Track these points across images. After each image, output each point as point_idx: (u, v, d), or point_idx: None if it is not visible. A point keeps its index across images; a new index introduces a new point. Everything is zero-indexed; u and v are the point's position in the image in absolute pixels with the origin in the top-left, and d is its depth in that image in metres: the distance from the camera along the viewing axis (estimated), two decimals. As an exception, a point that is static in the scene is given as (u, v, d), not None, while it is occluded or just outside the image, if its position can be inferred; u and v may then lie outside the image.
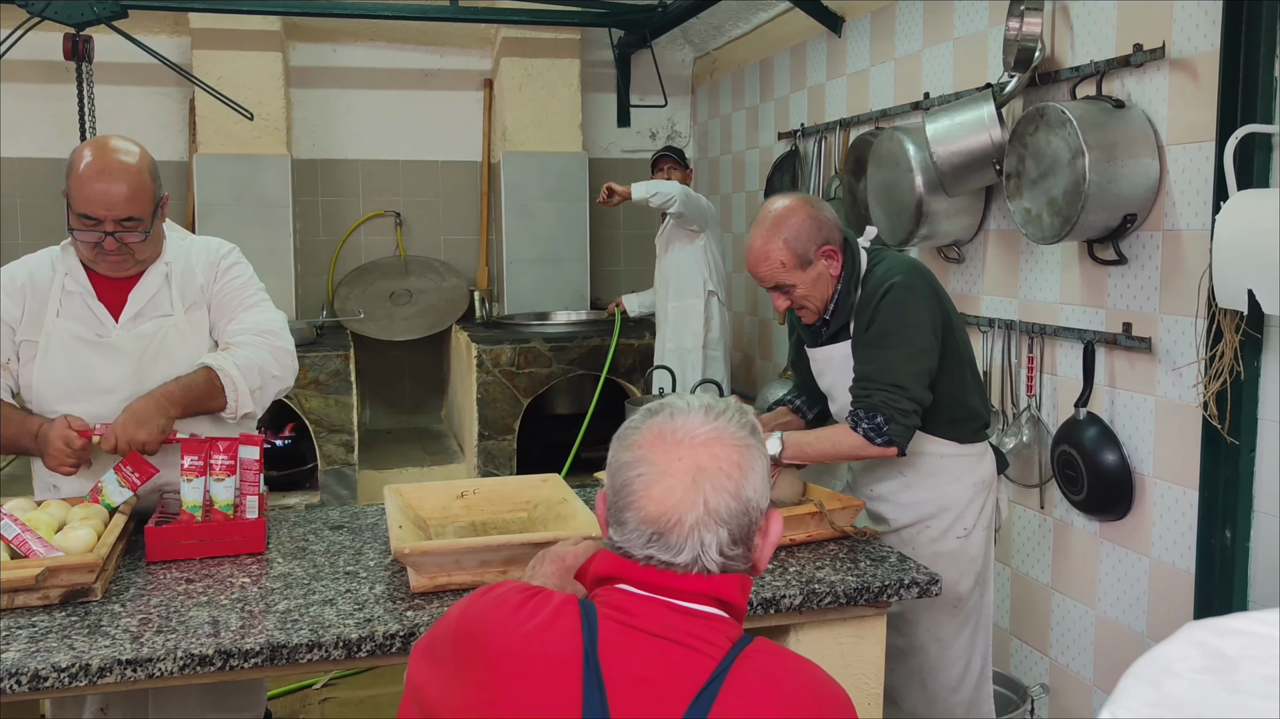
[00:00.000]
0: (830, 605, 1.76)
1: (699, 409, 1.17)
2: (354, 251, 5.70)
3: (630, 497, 1.13)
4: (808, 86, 4.55)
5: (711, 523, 1.11)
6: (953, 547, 2.34)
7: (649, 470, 1.12)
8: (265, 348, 2.24)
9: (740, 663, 1.09)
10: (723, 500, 1.12)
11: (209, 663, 1.48)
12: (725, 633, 1.12)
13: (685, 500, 1.11)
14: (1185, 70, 2.55)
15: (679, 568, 1.12)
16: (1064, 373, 2.99)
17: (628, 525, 1.13)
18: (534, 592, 1.17)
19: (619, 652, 1.08)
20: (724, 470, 1.12)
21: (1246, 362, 2.35)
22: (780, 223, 2.18)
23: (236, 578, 1.82)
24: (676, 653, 1.08)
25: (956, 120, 3.08)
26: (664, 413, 1.17)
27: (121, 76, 5.13)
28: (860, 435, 2.12)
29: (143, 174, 2.11)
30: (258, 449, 1.97)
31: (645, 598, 1.12)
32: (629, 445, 1.16)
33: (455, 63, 5.68)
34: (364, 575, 1.83)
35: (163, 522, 1.96)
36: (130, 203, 2.07)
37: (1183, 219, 2.58)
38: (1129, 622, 2.79)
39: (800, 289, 2.21)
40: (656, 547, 1.12)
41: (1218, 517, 2.47)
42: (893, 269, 2.22)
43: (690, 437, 1.13)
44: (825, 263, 2.20)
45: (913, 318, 2.17)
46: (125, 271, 2.19)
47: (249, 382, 2.16)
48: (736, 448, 1.14)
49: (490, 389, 4.70)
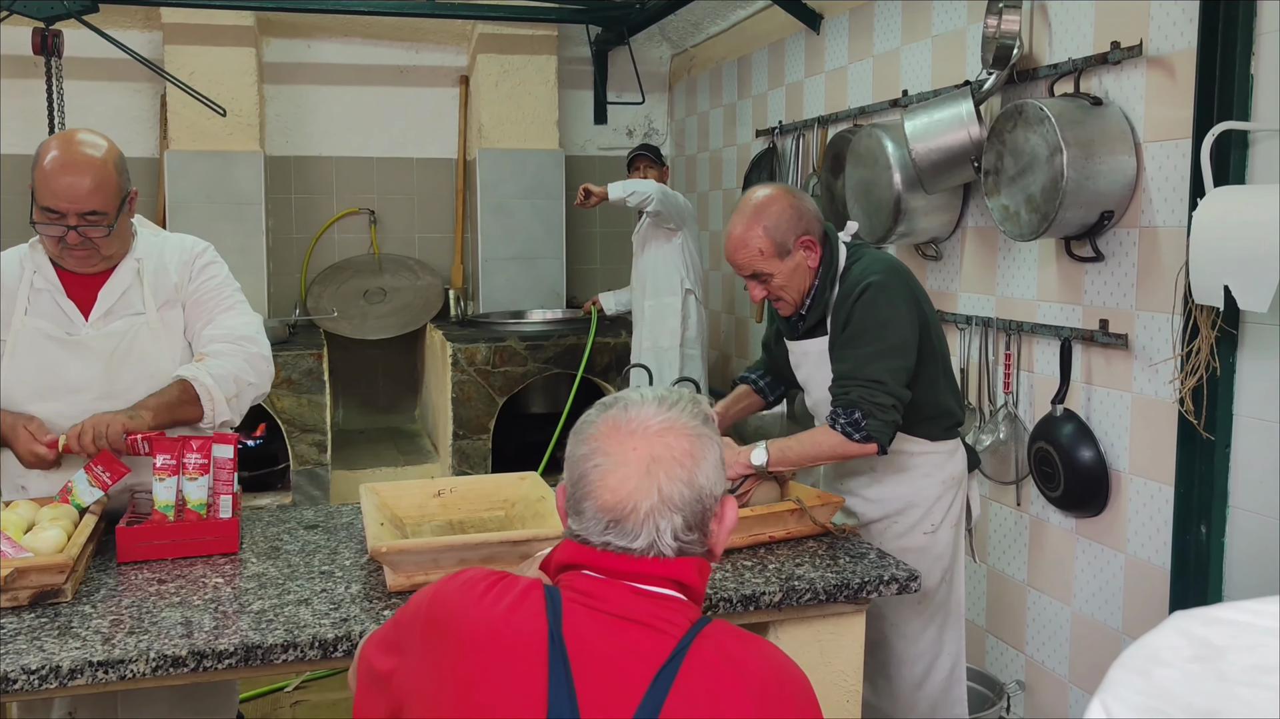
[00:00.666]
0: (810, 602, 1.75)
1: (652, 401, 1.21)
2: (328, 249, 5.64)
3: (588, 487, 1.16)
4: (786, 84, 4.55)
5: (666, 509, 1.15)
6: (919, 542, 2.34)
7: (605, 461, 1.16)
8: (241, 355, 2.21)
9: (700, 641, 1.12)
10: (676, 488, 1.15)
11: (182, 664, 1.45)
12: (685, 614, 1.16)
13: (640, 489, 1.15)
14: (1162, 68, 2.56)
15: (635, 552, 1.15)
16: (1041, 370, 3.00)
17: (586, 514, 1.17)
18: (499, 576, 1.20)
19: (583, 633, 1.11)
20: (677, 459, 1.16)
21: (1222, 357, 2.37)
22: (761, 211, 2.18)
23: (210, 578, 1.78)
24: (638, 633, 1.12)
25: (935, 117, 3.09)
26: (618, 406, 1.21)
27: (92, 72, 5.05)
28: (839, 433, 2.10)
29: (108, 167, 2.07)
30: (231, 448, 1.94)
31: (607, 581, 1.16)
32: (585, 439, 1.20)
33: (431, 59, 5.63)
34: (339, 575, 1.80)
35: (134, 522, 1.92)
36: (93, 196, 2.03)
37: (1159, 216, 2.59)
38: (1105, 618, 2.80)
39: (777, 279, 2.20)
40: (614, 533, 1.15)
41: (1193, 513, 2.49)
42: (870, 268, 2.22)
43: (644, 427, 1.17)
44: (804, 253, 2.20)
45: (889, 316, 2.17)
46: (91, 267, 2.15)
47: (225, 390, 2.13)
48: (689, 437, 1.18)
49: (465, 388, 4.66)
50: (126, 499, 2.08)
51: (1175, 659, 0.72)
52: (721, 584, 1.77)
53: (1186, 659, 0.72)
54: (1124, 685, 0.72)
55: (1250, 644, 0.72)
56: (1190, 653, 0.72)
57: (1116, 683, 0.73)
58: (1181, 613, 0.78)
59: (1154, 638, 0.75)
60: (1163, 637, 0.75)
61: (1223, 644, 0.72)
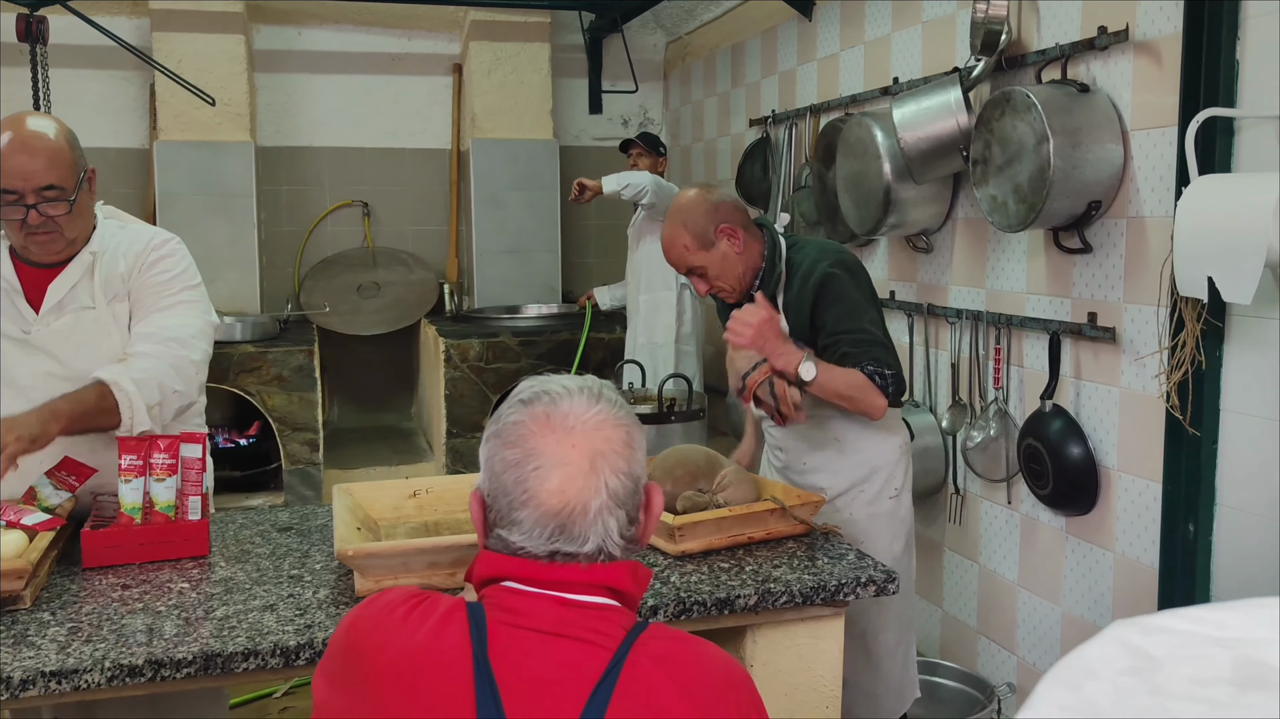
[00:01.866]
0: (787, 605, 1.72)
1: (578, 392, 1.14)
2: (321, 243, 5.60)
3: (525, 494, 1.08)
4: (779, 72, 4.50)
5: (613, 506, 1.10)
6: (886, 507, 2.45)
7: (543, 462, 1.09)
8: (166, 359, 2.07)
9: (636, 651, 1.07)
10: (619, 482, 1.10)
11: (139, 674, 1.43)
12: (619, 622, 1.10)
13: (587, 488, 1.09)
14: (1149, 53, 2.52)
15: (583, 558, 1.09)
16: (1031, 364, 2.96)
17: (524, 524, 1.09)
18: (421, 598, 1.13)
19: (511, 654, 1.05)
20: (618, 452, 1.11)
21: (1209, 351, 2.33)
22: (679, 210, 2.39)
23: (175, 583, 1.76)
24: (570, 648, 1.06)
25: (923, 105, 3.04)
26: (543, 400, 1.12)
27: (79, 59, 5.01)
28: (877, 385, 2.24)
29: (61, 141, 2.05)
30: (200, 447, 1.91)
31: (534, 594, 1.09)
32: (513, 441, 1.11)
33: (423, 46, 5.58)
34: (309, 579, 1.78)
35: (98, 526, 1.89)
36: (49, 170, 2.00)
37: (1146, 206, 2.55)
38: (1094, 618, 2.77)
39: (710, 270, 2.37)
40: (561, 539, 1.09)
41: (1180, 511, 2.45)
42: (823, 254, 2.37)
43: (581, 421, 1.11)
44: (727, 242, 2.36)
45: (861, 294, 2.34)
46: (56, 252, 2.09)
47: (147, 398, 1.99)
48: (622, 426, 1.13)
49: (458, 385, 4.64)
50: (90, 502, 2.05)
51: (1108, 671, 0.69)
52: (697, 587, 1.74)
53: (1120, 671, 0.68)
54: (1049, 701, 0.69)
55: (1190, 655, 0.68)
56: (1125, 664, 0.69)
57: (1042, 698, 0.69)
58: (1122, 621, 0.74)
59: (1089, 648, 0.72)
60: (1098, 647, 0.72)
61: (1161, 655, 0.69)
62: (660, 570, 1.81)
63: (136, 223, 2.34)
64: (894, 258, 3.65)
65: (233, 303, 5.06)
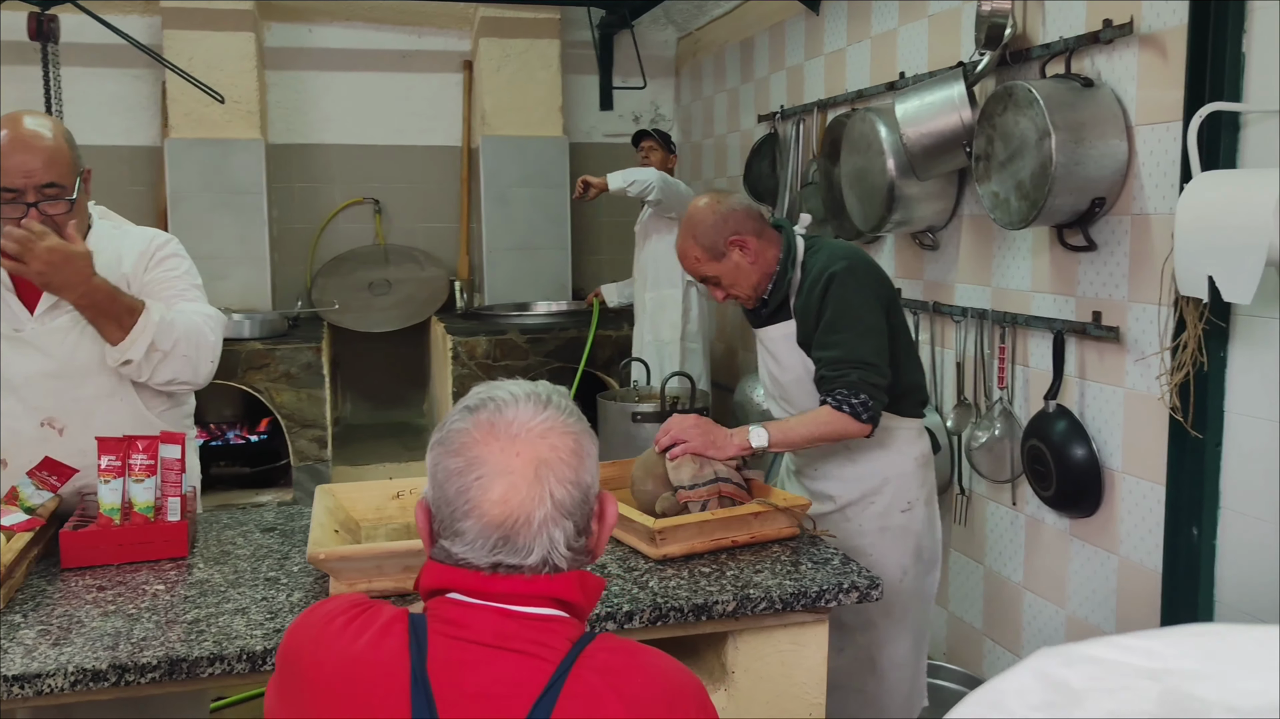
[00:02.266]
0: (766, 612, 1.69)
1: (525, 399, 1.10)
2: (333, 240, 5.61)
3: (468, 504, 1.05)
4: (786, 67, 4.45)
5: (559, 517, 1.06)
6: (898, 521, 2.39)
7: (486, 471, 1.05)
8: (196, 333, 2.13)
9: (580, 664, 1.04)
10: (566, 491, 1.07)
11: (102, 678, 1.42)
12: (565, 634, 1.07)
13: (531, 498, 1.05)
14: (1154, 47, 2.46)
15: (527, 570, 1.06)
16: (1036, 364, 2.91)
17: (467, 535, 1.06)
18: (363, 607, 1.10)
19: (450, 668, 1.03)
20: (564, 460, 1.07)
21: (1212, 352, 2.27)
22: (690, 222, 2.35)
23: (151, 585, 1.75)
24: (512, 662, 1.03)
25: (926, 100, 3.00)
26: (488, 408, 1.09)
27: (91, 58, 5.04)
28: (847, 414, 2.18)
29: (60, 140, 2.06)
30: (179, 448, 1.90)
31: (477, 606, 1.06)
32: (457, 449, 1.07)
33: (434, 44, 5.58)
34: (285, 582, 1.77)
35: (80, 525, 1.89)
36: (50, 168, 2.01)
37: (1151, 203, 2.49)
38: (1099, 621, 2.72)
39: (724, 279, 2.34)
40: (504, 551, 1.05)
41: (1184, 514, 2.40)
42: (833, 256, 2.31)
43: (525, 429, 1.07)
44: (739, 253, 2.32)
45: (861, 300, 2.26)
46: None
47: (160, 341, 2.04)
48: (571, 435, 1.09)
49: (466, 382, 4.62)
50: (77, 501, 2.05)
51: (1020, 706, 0.65)
52: (675, 592, 1.71)
53: (1034, 706, 0.64)
54: None
55: (1113, 687, 0.64)
56: (1040, 698, 0.65)
57: None
58: (1046, 650, 0.70)
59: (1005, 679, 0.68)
60: (1014, 678, 0.68)
61: (1081, 687, 0.65)
62: (639, 575, 1.79)
63: (129, 224, 2.35)
64: (900, 255, 3.61)
65: (244, 299, 5.08)
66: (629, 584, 1.74)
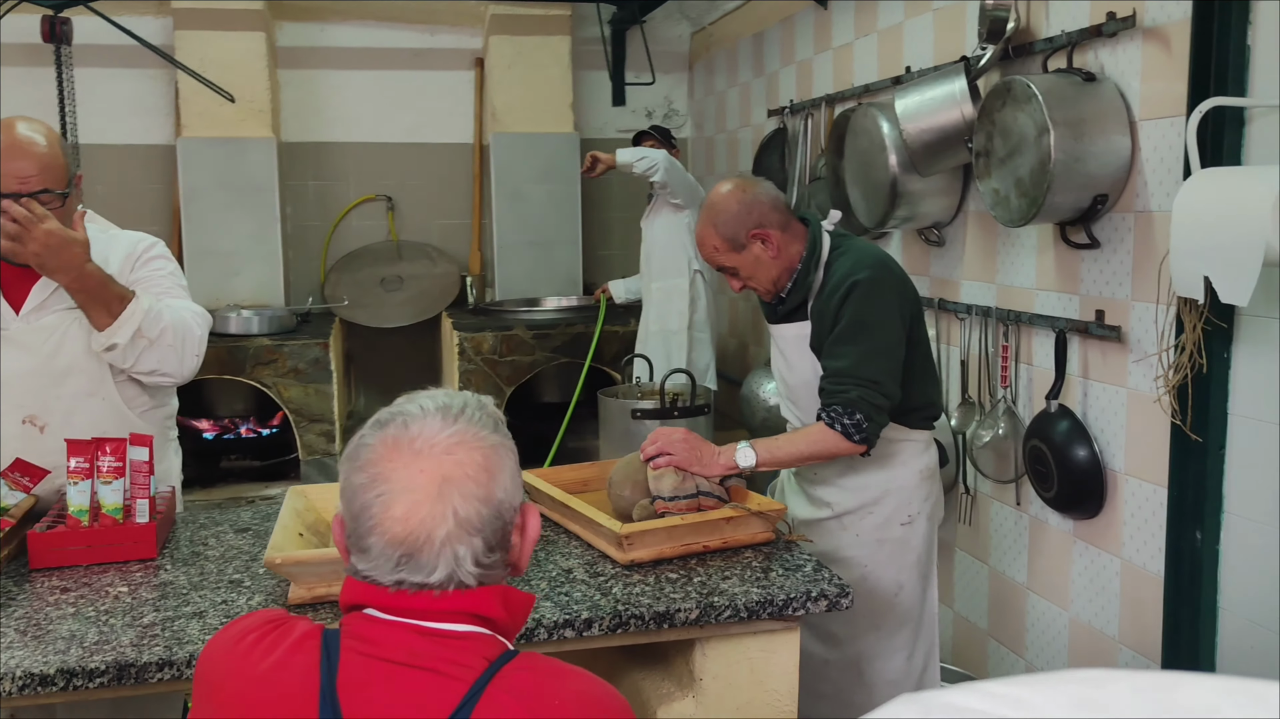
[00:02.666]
0: (730, 619, 1.65)
1: (435, 413, 1.07)
2: (347, 236, 5.63)
3: (371, 520, 1.03)
4: (796, 61, 4.39)
5: (464, 534, 1.03)
6: (896, 534, 2.32)
7: (388, 489, 1.03)
8: (183, 326, 2.16)
9: (495, 684, 1.00)
10: (473, 508, 1.04)
11: (50, 683, 1.41)
12: (482, 653, 1.04)
13: (433, 515, 1.02)
14: (1158, 40, 2.38)
15: (433, 588, 1.03)
16: (1040, 363, 2.84)
17: (372, 551, 1.04)
18: (276, 624, 1.08)
19: (360, 686, 1.00)
20: (471, 476, 1.04)
21: (1216, 353, 2.20)
22: (711, 209, 2.24)
23: (115, 587, 1.75)
24: (424, 681, 1.00)
25: (927, 96, 2.94)
26: (396, 423, 1.07)
27: (106, 59, 5.08)
28: (838, 433, 2.11)
29: (53, 146, 2.09)
30: (147, 450, 1.90)
31: (390, 623, 1.03)
32: (362, 465, 1.05)
33: (446, 41, 5.57)
34: (248, 584, 1.75)
35: (55, 525, 1.89)
36: (44, 174, 2.04)
37: (1154, 200, 2.42)
38: (1101, 625, 2.65)
39: (742, 270, 2.25)
40: (407, 569, 1.03)
41: (1187, 517, 2.33)
42: (859, 263, 2.20)
43: (430, 445, 1.04)
44: (760, 246, 2.21)
45: (882, 316, 2.17)
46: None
47: (147, 328, 2.07)
48: (480, 449, 1.06)
49: (472, 378, 4.62)
50: (55, 500, 2.06)
51: None
52: (637, 599, 1.67)
53: None
54: None
55: None
56: None
57: None
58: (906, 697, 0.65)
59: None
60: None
61: None
62: (604, 581, 1.75)
63: (115, 228, 2.37)
64: (908, 250, 3.54)
65: (257, 296, 5.11)
66: (592, 590, 1.71)
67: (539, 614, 1.60)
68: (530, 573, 1.80)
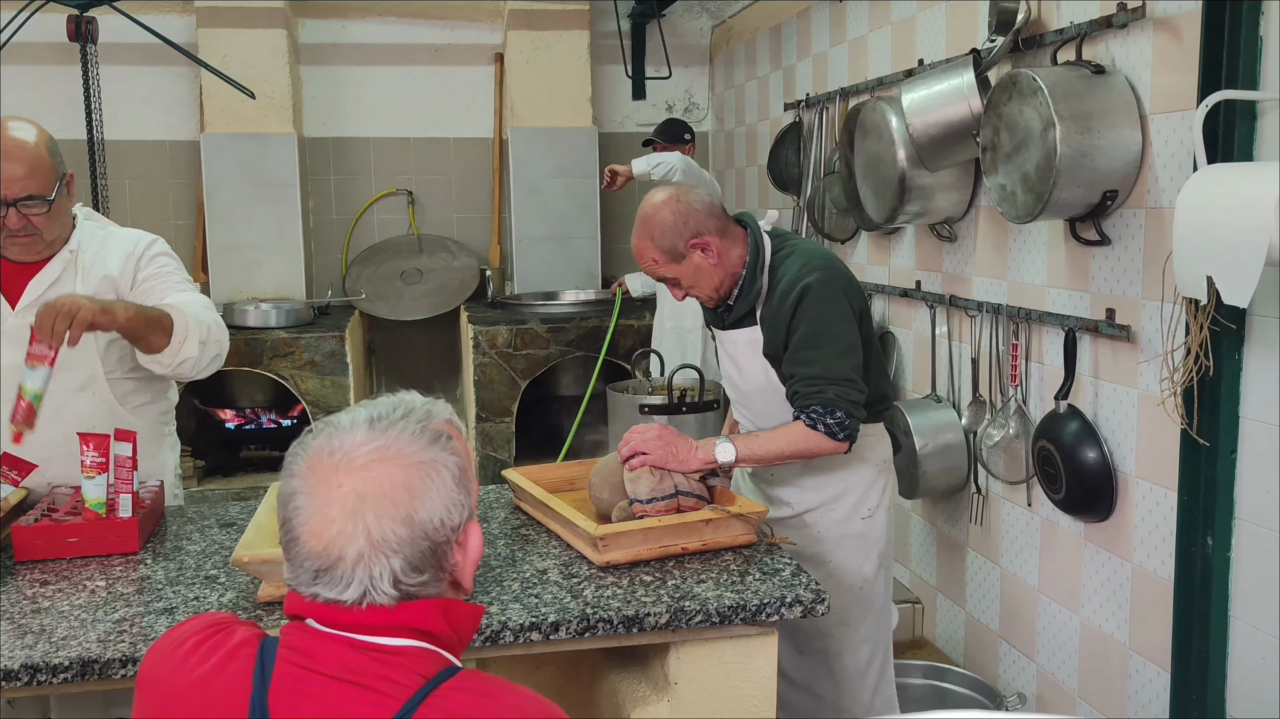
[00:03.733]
0: (702, 624, 1.63)
1: (363, 423, 1.03)
2: (368, 230, 5.67)
3: (293, 531, 1.02)
4: (812, 54, 4.34)
5: (379, 555, 1.00)
6: (857, 528, 2.33)
7: (307, 503, 1.01)
8: (217, 322, 2.21)
9: (429, 704, 0.97)
10: (389, 528, 1.00)
11: (14, 678, 1.42)
12: (419, 669, 1.00)
13: (344, 533, 0.99)
14: (1169, 31, 2.31)
15: (347, 603, 1.00)
16: (1051, 361, 2.78)
17: (294, 562, 1.02)
18: (217, 628, 1.06)
19: (291, 699, 0.98)
20: (388, 495, 1.00)
21: (1226, 355, 2.13)
22: (647, 221, 2.18)
23: (93, 581, 1.76)
24: (355, 697, 0.97)
25: (934, 89, 2.87)
26: (324, 434, 1.04)
27: (132, 57, 5.14)
28: (821, 432, 2.10)
29: (40, 149, 2.09)
30: (131, 445, 1.90)
31: (326, 635, 1.01)
32: (292, 474, 1.04)
33: (466, 37, 5.58)
34: (223, 581, 1.76)
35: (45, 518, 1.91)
36: (29, 180, 2.05)
37: (1166, 195, 2.35)
38: (1111, 630, 2.59)
39: (684, 280, 2.21)
40: (322, 583, 1.00)
41: (1198, 523, 2.26)
42: (807, 265, 2.17)
43: (349, 460, 1.01)
44: (700, 254, 2.17)
45: (838, 314, 2.16)
46: (35, 253, 2.15)
47: (199, 333, 2.11)
48: (404, 468, 1.01)
49: (487, 370, 4.62)
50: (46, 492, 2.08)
51: None
52: (607, 603, 1.65)
53: None
54: None
55: None
56: None
57: None
58: None
59: None
60: None
61: None
62: (577, 583, 1.73)
63: (114, 225, 2.38)
64: (920, 246, 3.48)
65: (279, 289, 5.16)
66: (563, 593, 1.68)
67: (506, 616, 1.59)
68: (504, 573, 1.78)
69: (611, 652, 1.84)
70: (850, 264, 4.03)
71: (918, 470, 3.14)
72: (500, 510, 2.20)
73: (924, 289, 3.41)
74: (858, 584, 2.32)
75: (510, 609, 1.61)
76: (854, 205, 3.60)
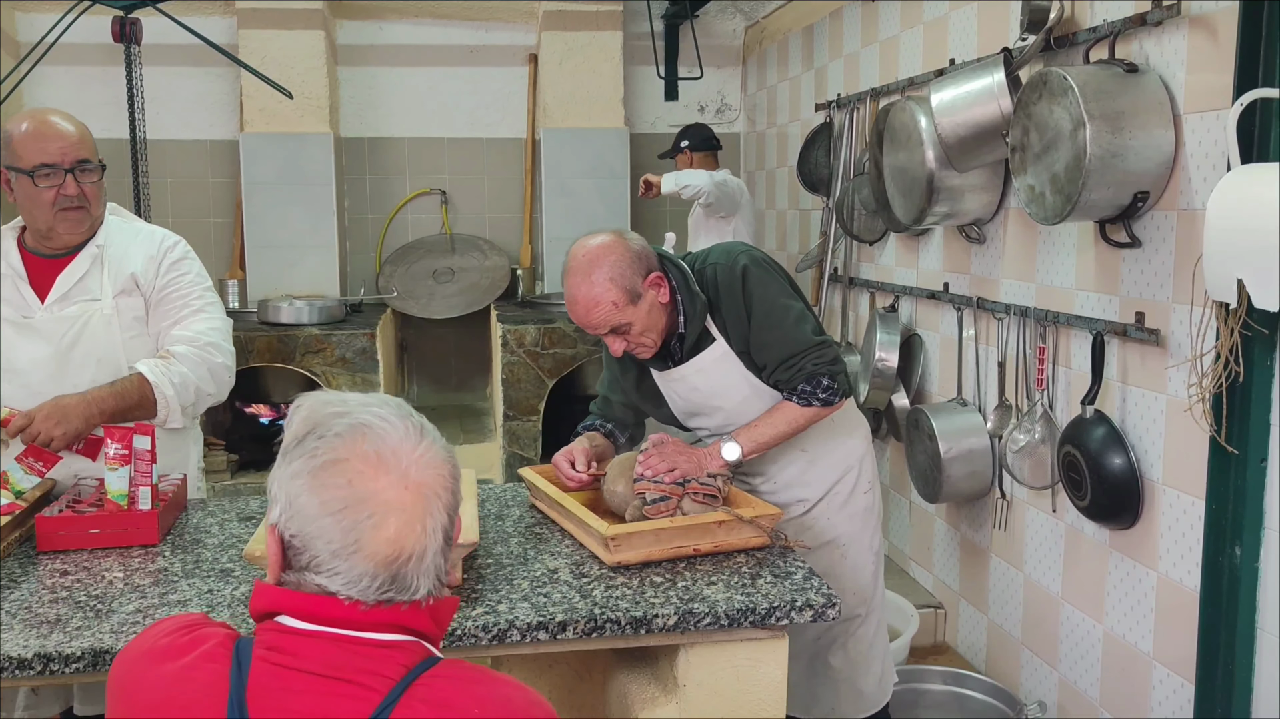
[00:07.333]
0: (710, 627, 1.62)
1: (397, 422, 1.03)
2: (402, 230, 5.72)
3: (358, 540, 0.98)
4: (844, 55, 4.31)
5: (445, 546, 1.03)
6: (862, 503, 2.37)
7: (378, 508, 0.98)
8: (204, 364, 2.25)
9: (411, 694, 0.97)
10: (449, 520, 1.04)
11: (28, 667, 1.44)
12: (400, 660, 1.00)
13: (424, 530, 1.01)
14: (1204, 28, 2.26)
15: (414, 602, 1.02)
16: (1079, 366, 2.73)
17: (350, 573, 0.99)
18: (190, 629, 1.05)
19: (271, 697, 0.97)
20: (447, 488, 1.04)
21: (1257, 361, 2.08)
22: (598, 263, 2.04)
23: (112, 572, 1.78)
24: (337, 691, 0.97)
25: (963, 90, 2.84)
26: (368, 436, 1.01)
27: (174, 58, 5.23)
28: (816, 407, 2.16)
29: (83, 129, 2.21)
30: (150, 439, 1.93)
31: (306, 632, 1.00)
32: (338, 482, 0.99)
33: (501, 38, 5.61)
34: (238, 574, 1.78)
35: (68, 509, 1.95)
36: (83, 144, 2.17)
37: (1199, 197, 2.30)
38: (1135, 640, 2.54)
39: (636, 325, 2.07)
40: (393, 589, 1.00)
41: (1225, 533, 2.21)
42: (729, 254, 2.19)
43: (413, 460, 1.01)
44: (654, 292, 2.07)
45: (779, 286, 2.18)
46: (81, 233, 2.22)
47: (182, 399, 2.20)
48: (447, 462, 1.05)
49: (515, 369, 4.64)
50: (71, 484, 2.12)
51: None
52: (616, 603, 1.65)
53: None
54: None
55: None
56: None
57: None
58: None
59: None
60: None
61: None
62: (587, 583, 1.73)
63: (139, 221, 2.43)
64: (948, 248, 3.44)
65: (314, 286, 5.23)
66: (572, 592, 1.68)
67: (514, 615, 1.59)
68: (514, 571, 1.79)
69: (623, 652, 1.84)
70: (877, 266, 4.00)
71: (942, 474, 3.11)
72: (516, 508, 2.20)
73: (951, 291, 3.37)
74: (870, 561, 2.37)
75: (519, 608, 1.61)
76: (882, 207, 3.57)
